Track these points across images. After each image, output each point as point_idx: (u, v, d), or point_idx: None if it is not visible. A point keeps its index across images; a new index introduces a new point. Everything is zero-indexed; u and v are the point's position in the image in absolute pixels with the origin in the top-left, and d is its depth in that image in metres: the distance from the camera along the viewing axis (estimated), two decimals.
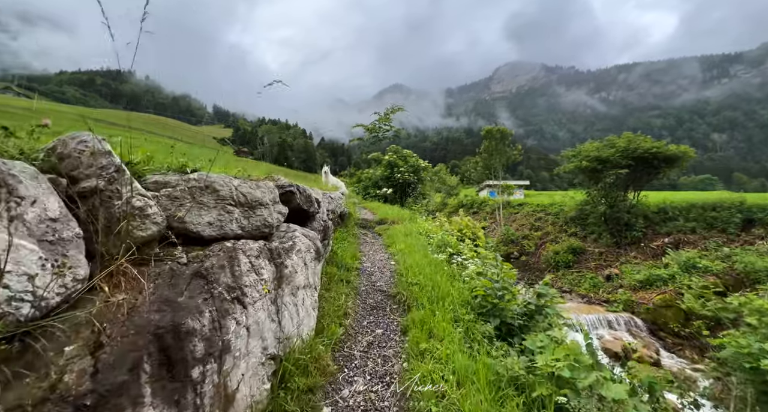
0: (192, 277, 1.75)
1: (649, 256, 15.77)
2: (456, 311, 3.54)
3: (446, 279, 4.44)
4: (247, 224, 2.43)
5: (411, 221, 9.50)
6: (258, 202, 2.53)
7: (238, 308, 1.91)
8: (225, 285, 1.88)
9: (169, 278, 1.65)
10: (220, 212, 2.22)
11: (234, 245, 2.20)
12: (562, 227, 22.36)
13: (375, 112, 19.89)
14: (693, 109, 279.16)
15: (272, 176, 3.62)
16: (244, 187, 2.42)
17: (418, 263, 5.13)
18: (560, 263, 18.47)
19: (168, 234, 1.90)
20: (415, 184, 14.98)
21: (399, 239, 7.18)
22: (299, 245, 2.86)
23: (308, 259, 2.96)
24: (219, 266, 1.93)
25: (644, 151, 15.67)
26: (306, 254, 2.94)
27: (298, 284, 2.68)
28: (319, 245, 3.29)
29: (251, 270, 2.15)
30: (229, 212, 2.27)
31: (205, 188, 2.15)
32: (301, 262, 2.81)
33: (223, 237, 2.24)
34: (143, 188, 1.94)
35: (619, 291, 13.32)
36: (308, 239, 3.12)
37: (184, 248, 1.99)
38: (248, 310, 1.99)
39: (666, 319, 10.98)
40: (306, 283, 2.83)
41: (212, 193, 2.18)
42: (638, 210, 17.24)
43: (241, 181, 2.43)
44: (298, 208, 3.68)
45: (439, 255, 5.78)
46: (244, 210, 2.41)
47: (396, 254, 6.12)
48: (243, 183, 2.43)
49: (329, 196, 6.34)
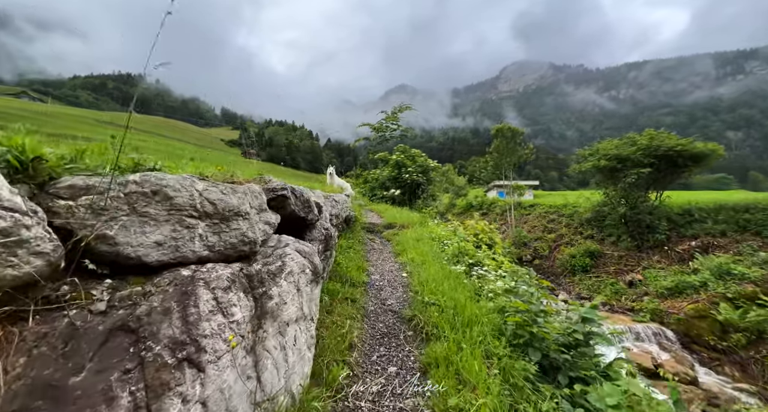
0: (109, 334, 1.12)
1: (674, 260, 14.79)
2: (486, 341, 2.86)
3: (469, 298, 3.77)
4: (217, 242, 1.80)
5: (421, 225, 8.83)
6: (234, 211, 1.90)
7: (189, 373, 1.28)
8: (168, 340, 1.25)
9: (65, 341, 1.03)
10: (175, 227, 1.59)
11: (194, 273, 1.57)
12: (577, 229, 21.40)
13: (382, 111, 19.29)
14: (706, 106, 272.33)
15: (262, 177, 3.00)
16: (212, 192, 1.79)
17: (433, 277, 4.47)
18: (577, 267, 17.55)
19: (84, 263, 1.28)
20: (425, 185, 14.29)
21: (410, 245, 6.52)
22: (291, 265, 2.23)
23: (303, 282, 2.32)
24: (162, 310, 1.30)
25: (668, 149, 14.71)
26: (300, 276, 2.30)
27: (288, 319, 2.04)
28: (318, 263, 2.65)
29: (216, 310, 1.51)
30: (190, 226, 1.65)
31: (153, 195, 1.53)
32: (292, 288, 2.17)
33: (179, 262, 1.61)
34: (50, 196, 1.32)
35: (644, 299, 12.41)
36: (303, 256, 2.48)
37: (115, 282, 1.37)
38: (206, 373, 1.35)
39: (700, 331, 10.08)
40: (299, 315, 2.19)
41: (163, 202, 1.55)
42: (661, 211, 16.25)
43: (209, 185, 1.80)
44: (294, 215, 3.06)
45: (457, 266, 5.10)
46: (213, 223, 1.78)
47: (407, 264, 5.46)
48: (211, 187, 1.80)
49: (333, 199, 5.72)
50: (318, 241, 3.73)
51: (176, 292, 1.42)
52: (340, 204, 6.04)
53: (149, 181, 1.54)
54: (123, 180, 1.49)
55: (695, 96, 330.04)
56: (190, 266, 1.63)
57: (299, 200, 3.19)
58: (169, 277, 1.50)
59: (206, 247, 1.74)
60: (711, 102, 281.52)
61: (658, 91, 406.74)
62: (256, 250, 2.11)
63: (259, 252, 2.21)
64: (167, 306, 1.33)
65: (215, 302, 1.53)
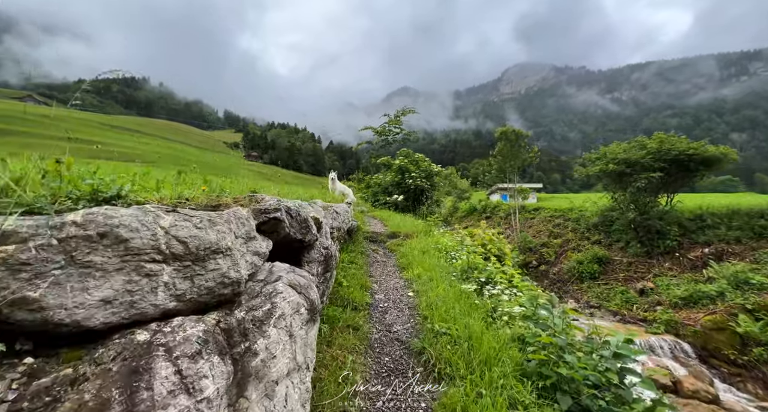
0: None
1: (686, 268, 14.33)
2: (509, 385, 2.50)
3: (484, 326, 3.40)
4: (189, 289, 1.46)
5: (426, 234, 8.47)
6: (211, 249, 1.56)
7: None
8: None
9: None
10: (131, 277, 1.25)
11: (153, 336, 1.22)
12: (583, 233, 20.95)
13: (385, 114, 19.01)
14: (710, 108, 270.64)
15: (254, 196, 2.67)
16: (182, 228, 1.45)
17: (443, 298, 4.10)
18: (584, 273, 17.11)
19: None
20: (429, 191, 13.93)
21: (415, 258, 6.16)
22: (282, 306, 1.88)
23: (297, 325, 1.97)
24: (95, 405, 0.95)
25: (679, 153, 14.31)
26: (293, 318, 1.95)
27: (277, 376, 1.69)
28: (315, 298, 2.30)
29: (179, 389, 1.16)
30: (151, 274, 1.31)
31: (100, 238, 1.19)
32: (283, 335, 1.82)
33: (136, 321, 1.27)
34: None
35: (657, 309, 11.96)
36: (298, 291, 2.13)
37: (38, 361, 1.03)
38: None
39: (718, 344, 9.63)
40: (291, 366, 1.84)
41: (114, 246, 1.21)
42: (672, 217, 15.80)
43: (178, 218, 1.46)
44: (288, 239, 2.71)
45: (467, 285, 4.73)
46: (183, 266, 1.44)
47: (414, 281, 5.10)
48: (181, 221, 1.46)
49: (334, 210, 5.38)
50: (317, 263, 3.39)
51: (123, 371, 1.07)
52: (342, 215, 5.70)
53: (95, 221, 1.20)
54: (58, 222, 1.15)
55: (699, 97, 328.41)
56: (150, 326, 1.28)
57: (295, 221, 2.84)
58: (116, 346, 1.15)
59: (173, 297, 1.39)
60: (715, 103, 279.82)
61: (662, 92, 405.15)
62: (239, 290, 1.76)
63: (245, 292, 1.87)
64: (105, 397, 0.98)
65: (178, 377, 1.18)
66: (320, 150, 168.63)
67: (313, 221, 3.46)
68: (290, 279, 2.19)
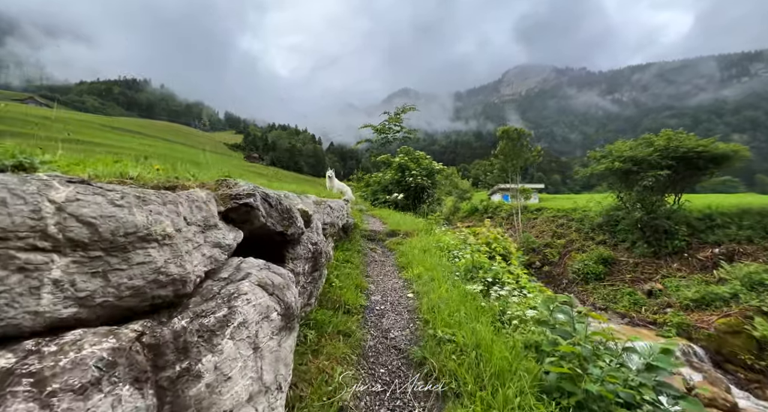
0: None
1: (695, 268, 13.89)
2: (527, 405, 2.08)
3: (494, 332, 2.99)
4: (100, 289, 1.05)
5: (427, 232, 8.06)
6: (137, 234, 1.16)
7: None
8: None
9: None
10: None
11: (17, 363, 0.82)
12: (587, 234, 20.53)
13: (385, 111, 18.64)
14: (710, 109, 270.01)
15: (225, 181, 2.26)
16: (88, 204, 1.04)
17: (445, 300, 3.69)
18: (590, 274, 16.67)
19: None
20: (430, 189, 13.52)
21: (415, 257, 5.76)
22: (245, 311, 1.47)
23: (264, 334, 1.56)
24: None
25: (688, 150, 13.89)
26: (260, 326, 1.54)
27: (231, 405, 1.28)
28: (292, 300, 1.89)
29: None
30: (28, 268, 0.90)
31: None
32: (245, 348, 1.41)
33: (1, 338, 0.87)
34: None
35: (668, 311, 11.51)
36: (269, 292, 1.72)
37: None
38: None
39: (733, 348, 9.18)
40: (255, 389, 1.43)
41: None
42: (680, 216, 15.37)
43: (82, 191, 1.06)
44: (266, 230, 2.31)
45: (473, 285, 4.32)
46: (90, 258, 1.03)
47: (414, 281, 4.69)
48: (88, 195, 1.06)
49: (328, 205, 4.98)
50: (303, 260, 2.98)
51: None
52: (336, 211, 5.29)
53: None
54: None
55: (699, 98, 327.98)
56: (24, 345, 0.88)
57: (275, 210, 2.44)
58: None
59: (72, 301, 0.99)
60: (715, 104, 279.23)
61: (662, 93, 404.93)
62: (186, 291, 1.35)
63: (198, 293, 1.46)
64: None
65: None
66: (321, 151, 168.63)
67: (300, 214, 3.06)
68: (261, 277, 1.78)
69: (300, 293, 2.96)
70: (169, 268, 1.25)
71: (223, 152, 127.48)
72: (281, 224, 2.51)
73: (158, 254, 1.22)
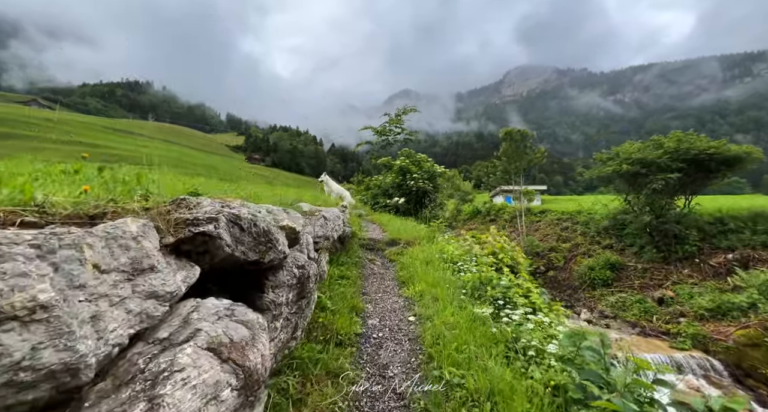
0: None
1: (708, 275, 13.37)
2: None
3: (510, 372, 2.55)
4: None
5: (429, 240, 7.62)
6: None
7: None
8: None
9: None
10: None
11: None
12: (593, 237, 20.01)
13: (385, 113, 18.24)
14: (713, 109, 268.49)
15: (184, 199, 1.85)
16: None
17: (452, 327, 3.26)
18: (596, 280, 16.16)
19: None
20: (432, 193, 13.07)
21: (417, 271, 5.32)
22: (175, 400, 1.03)
23: None
24: None
25: (699, 152, 13.39)
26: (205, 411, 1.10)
27: None
28: (257, 362, 1.45)
29: None
30: None
31: None
32: None
33: None
34: None
35: (681, 321, 11.00)
36: (222, 358, 1.29)
37: None
38: None
39: (753, 362, 8.67)
40: None
41: None
42: (690, 220, 14.86)
43: None
44: (233, 261, 1.88)
45: (481, 307, 3.87)
46: None
47: (416, 301, 4.25)
48: None
49: (322, 215, 4.55)
50: (287, 288, 2.55)
51: None
52: (332, 222, 4.86)
53: None
54: None
55: (702, 99, 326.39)
56: None
57: (249, 234, 2.01)
58: None
59: None
60: (718, 105, 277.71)
61: (664, 94, 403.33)
62: (81, 381, 0.92)
63: (109, 374, 1.03)
64: None
65: None
66: (322, 153, 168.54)
67: (285, 233, 2.64)
68: (215, 335, 1.34)
69: (283, 327, 2.53)
70: (41, 357, 0.82)
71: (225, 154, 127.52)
72: (256, 250, 2.08)
73: (17, 340, 0.79)
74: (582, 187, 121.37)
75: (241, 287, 2.33)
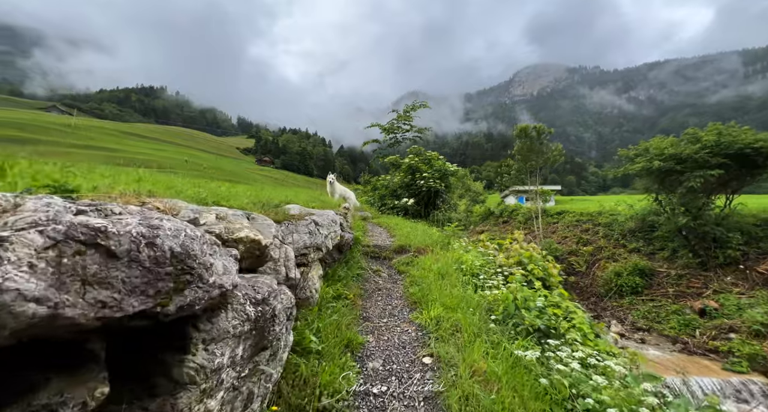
0: None
1: (756, 283, 11.93)
2: None
3: None
4: None
5: (444, 247, 6.61)
6: None
7: None
8: None
9: None
10: None
11: None
12: (618, 240, 18.59)
13: (393, 110, 17.27)
14: (733, 106, 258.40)
15: None
16: None
17: (487, 379, 2.25)
18: (624, 287, 14.81)
19: None
20: (444, 193, 12.03)
21: (431, 287, 4.33)
22: None
23: None
24: None
25: (744, 146, 11.99)
26: None
27: None
28: None
29: None
30: None
31: None
32: None
33: None
34: None
35: (732, 337, 9.66)
36: None
37: None
38: None
39: None
40: None
41: None
42: (732, 222, 13.41)
43: None
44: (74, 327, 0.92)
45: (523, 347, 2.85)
46: None
47: (431, 332, 3.25)
48: None
49: (312, 221, 3.61)
50: (233, 339, 1.60)
51: None
52: (325, 228, 3.91)
53: None
54: None
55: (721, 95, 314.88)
56: None
57: (129, 264, 1.06)
58: None
59: None
60: (738, 101, 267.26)
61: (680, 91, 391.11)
62: None
63: None
64: None
65: None
66: (331, 154, 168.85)
67: (227, 253, 1.70)
68: None
69: (224, 403, 1.58)
70: None
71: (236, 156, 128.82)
72: (146, 291, 1.13)
73: None
74: (594, 187, 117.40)
75: (147, 348, 1.40)
